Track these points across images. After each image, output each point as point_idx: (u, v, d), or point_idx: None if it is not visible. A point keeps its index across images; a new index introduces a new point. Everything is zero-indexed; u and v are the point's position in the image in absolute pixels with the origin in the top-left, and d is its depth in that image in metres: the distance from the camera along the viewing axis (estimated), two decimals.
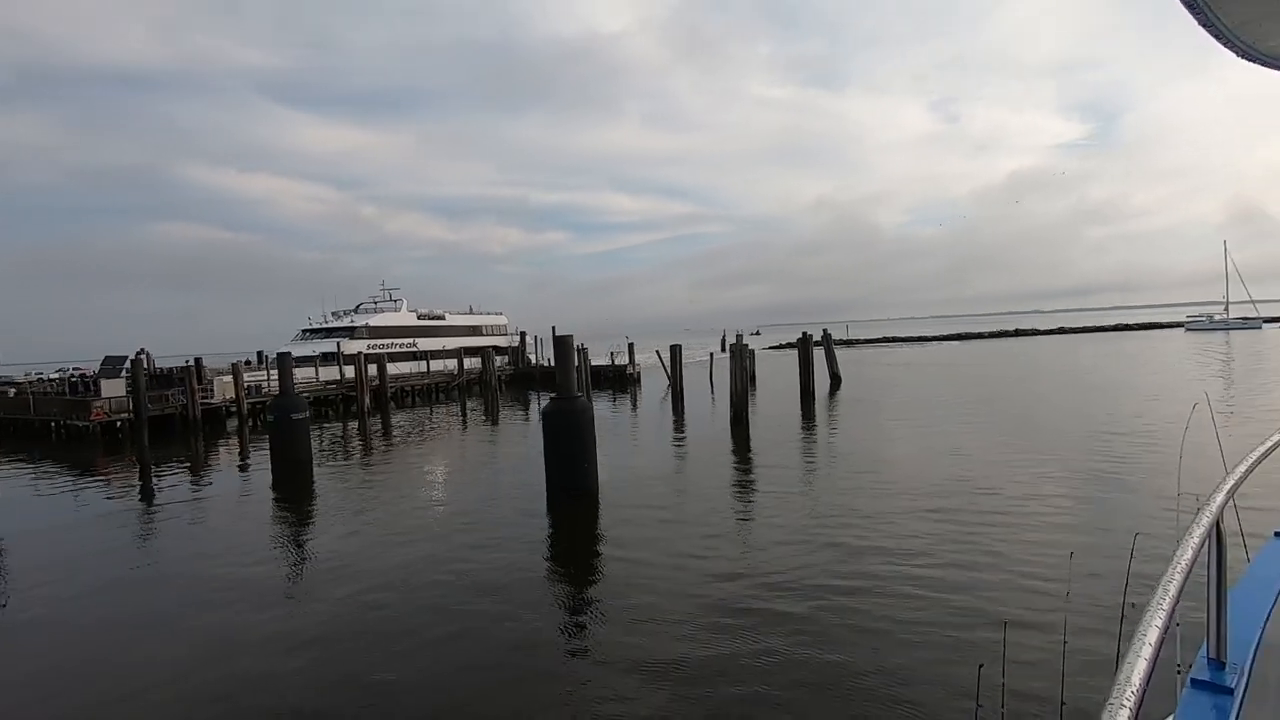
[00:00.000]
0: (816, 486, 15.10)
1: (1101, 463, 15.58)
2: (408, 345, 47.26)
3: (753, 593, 8.93)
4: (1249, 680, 1.79)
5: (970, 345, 79.60)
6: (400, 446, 25.25)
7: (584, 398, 15.23)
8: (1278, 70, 2.09)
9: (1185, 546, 1.44)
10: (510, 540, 11.81)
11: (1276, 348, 49.72)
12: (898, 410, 27.83)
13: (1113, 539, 9.48)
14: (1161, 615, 1.16)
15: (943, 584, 8.79)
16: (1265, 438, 2.36)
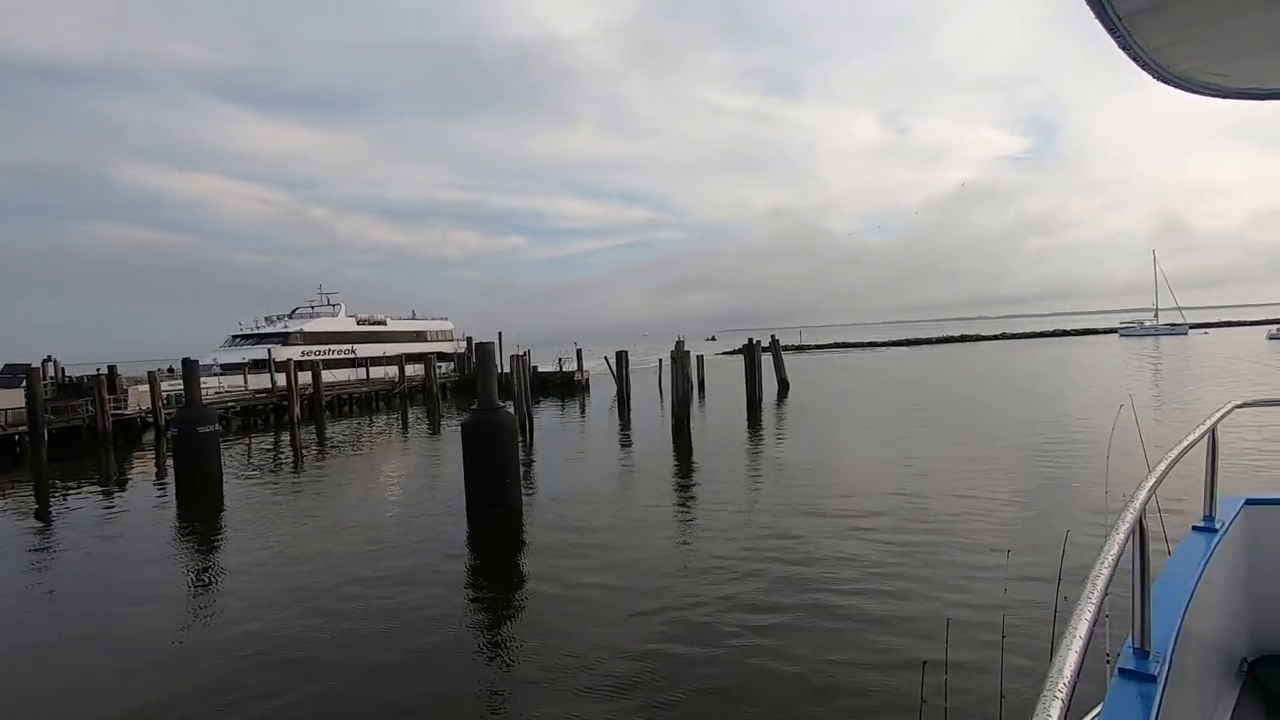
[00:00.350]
0: (753, 500, 14.52)
1: (1037, 464, 15.99)
2: (346, 352, 45.35)
3: (670, 629, 8.16)
4: (1170, 667, 1.85)
5: (918, 351, 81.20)
6: (328, 459, 23.85)
7: (507, 408, 14.33)
8: (1189, 92, 2.18)
9: (1111, 543, 1.51)
10: (415, 570, 10.73)
11: (1200, 352, 52.16)
12: (843, 417, 27.76)
13: (1047, 537, 9.65)
14: (1090, 609, 1.20)
15: (886, 587, 8.88)
16: (1183, 437, 2.46)
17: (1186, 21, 1.69)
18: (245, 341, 42.64)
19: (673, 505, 14.19)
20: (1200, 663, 2.37)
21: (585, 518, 13.26)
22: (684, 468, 18.41)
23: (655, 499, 14.69)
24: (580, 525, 12.73)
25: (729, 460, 19.15)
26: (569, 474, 18.21)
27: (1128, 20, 1.63)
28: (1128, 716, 1.66)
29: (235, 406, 35.75)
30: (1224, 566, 2.72)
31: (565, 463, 20.12)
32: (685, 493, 15.41)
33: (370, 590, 9.88)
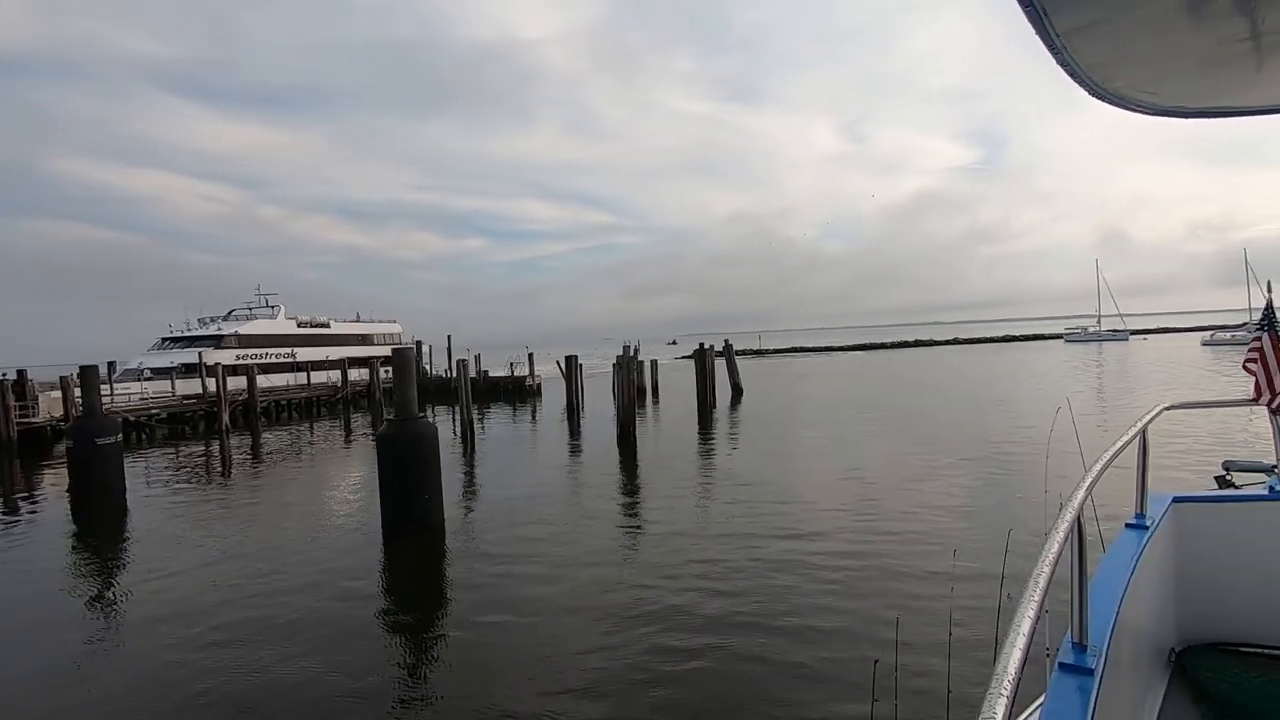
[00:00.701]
0: (698, 511, 13.80)
1: (983, 466, 16.35)
2: (285, 356, 43.32)
3: (595, 671, 7.38)
4: (1106, 660, 1.91)
5: (873, 355, 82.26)
6: (253, 470, 22.36)
7: (426, 418, 13.31)
8: (1122, 108, 2.23)
9: (1051, 542, 1.56)
10: (307, 609, 9.61)
11: (1140, 357, 53.80)
12: (795, 422, 27.38)
13: (991, 536, 9.92)
14: (1033, 607, 1.25)
15: (836, 589, 9.01)
16: (1116, 440, 2.57)
17: (1119, 41, 1.77)
18: (175, 344, 40.29)
19: (609, 522, 13.35)
20: (1133, 654, 2.47)
21: (510, 540, 12.32)
22: (628, 479, 17.63)
23: (591, 515, 13.85)
24: (502, 550, 11.76)
25: (675, 469, 18.43)
26: (504, 487, 17.24)
27: (1065, 38, 1.68)
28: (1067, 709, 1.72)
29: (160, 414, 33.67)
30: (1154, 562, 2.84)
31: (503, 474, 19.13)
32: (624, 507, 14.60)
33: (245, 632, 8.75)
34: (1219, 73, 2.05)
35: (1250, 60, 1.92)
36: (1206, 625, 3.22)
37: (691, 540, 11.64)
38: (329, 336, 46.82)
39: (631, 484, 16.78)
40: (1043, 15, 1.55)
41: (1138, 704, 2.57)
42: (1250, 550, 3.26)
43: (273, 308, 45.51)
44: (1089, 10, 1.60)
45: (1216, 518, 3.35)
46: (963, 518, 12.19)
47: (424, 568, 11.42)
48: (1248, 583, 3.21)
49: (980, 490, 14.15)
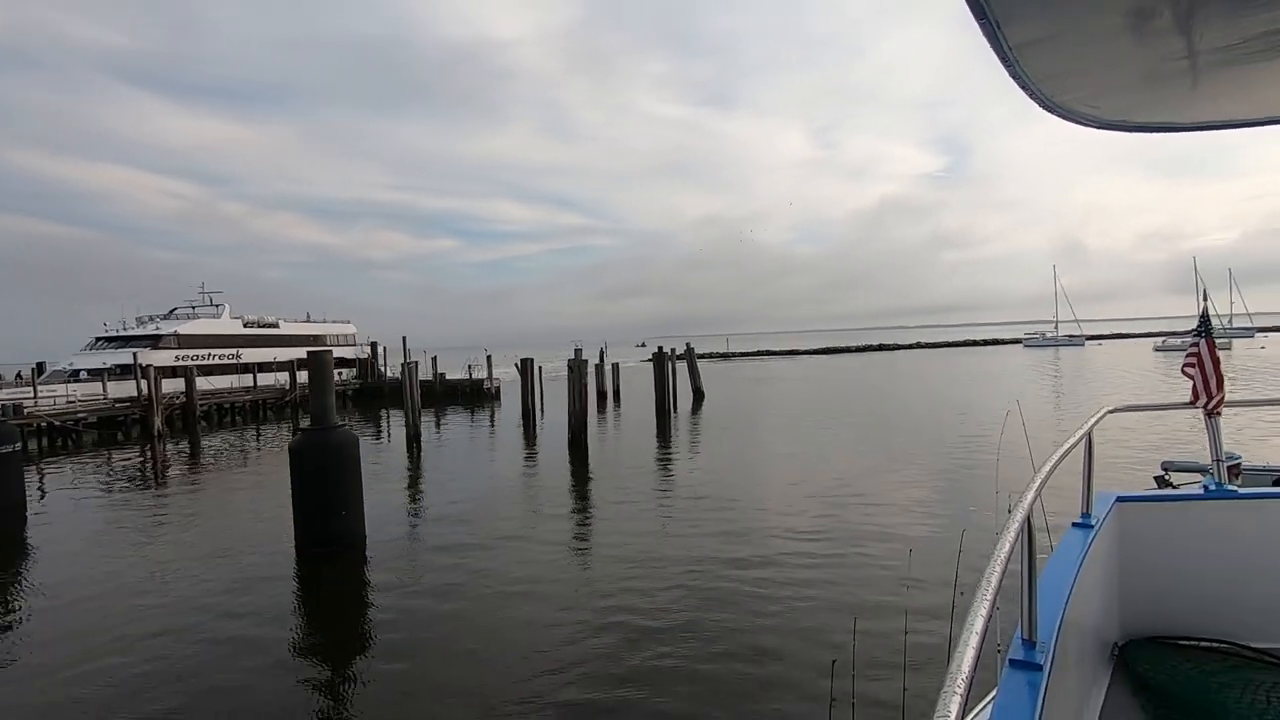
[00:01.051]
0: (641, 529, 13.03)
1: (939, 469, 16.68)
2: (230, 357, 41.42)
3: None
4: (1054, 655, 1.96)
5: (838, 359, 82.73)
6: (179, 479, 20.92)
7: (346, 427, 12.29)
8: (1070, 121, 2.32)
9: (1003, 541, 1.60)
10: (189, 645, 8.61)
11: (1095, 362, 54.82)
12: (755, 426, 26.92)
13: (945, 536, 10.22)
14: (985, 606, 1.29)
15: (793, 591, 9.05)
16: (1064, 440, 2.70)
17: (1068, 56, 1.84)
18: (110, 344, 38.15)
19: (547, 540, 12.48)
20: (1079, 649, 2.54)
21: (435, 560, 11.39)
22: (574, 490, 16.80)
23: (528, 532, 12.96)
24: (425, 571, 10.82)
25: (625, 479, 17.64)
26: (441, 499, 16.26)
27: (1018, 51, 1.72)
28: (1017, 704, 1.76)
29: (88, 418, 31.75)
30: (1098, 560, 2.93)
31: (444, 484, 18.12)
32: (565, 523, 13.75)
33: (111, 675, 7.73)
34: (1159, 90, 2.15)
35: (1187, 79, 2.01)
36: (1146, 620, 3.32)
37: (631, 566, 10.86)
38: (277, 337, 44.90)
39: (577, 496, 15.95)
40: (997, 28, 1.59)
41: (1083, 697, 2.66)
42: (1186, 547, 3.39)
43: (217, 306, 43.43)
44: (1040, 25, 1.65)
45: (1156, 516, 3.46)
46: (918, 519, 12.32)
47: (333, 592, 10.44)
48: (1184, 578, 3.34)
49: (936, 492, 14.38)
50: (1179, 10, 1.61)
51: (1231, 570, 3.33)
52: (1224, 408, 3.76)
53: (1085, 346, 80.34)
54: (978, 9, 1.47)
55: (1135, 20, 1.66)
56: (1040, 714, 1.71)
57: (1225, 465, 3.78)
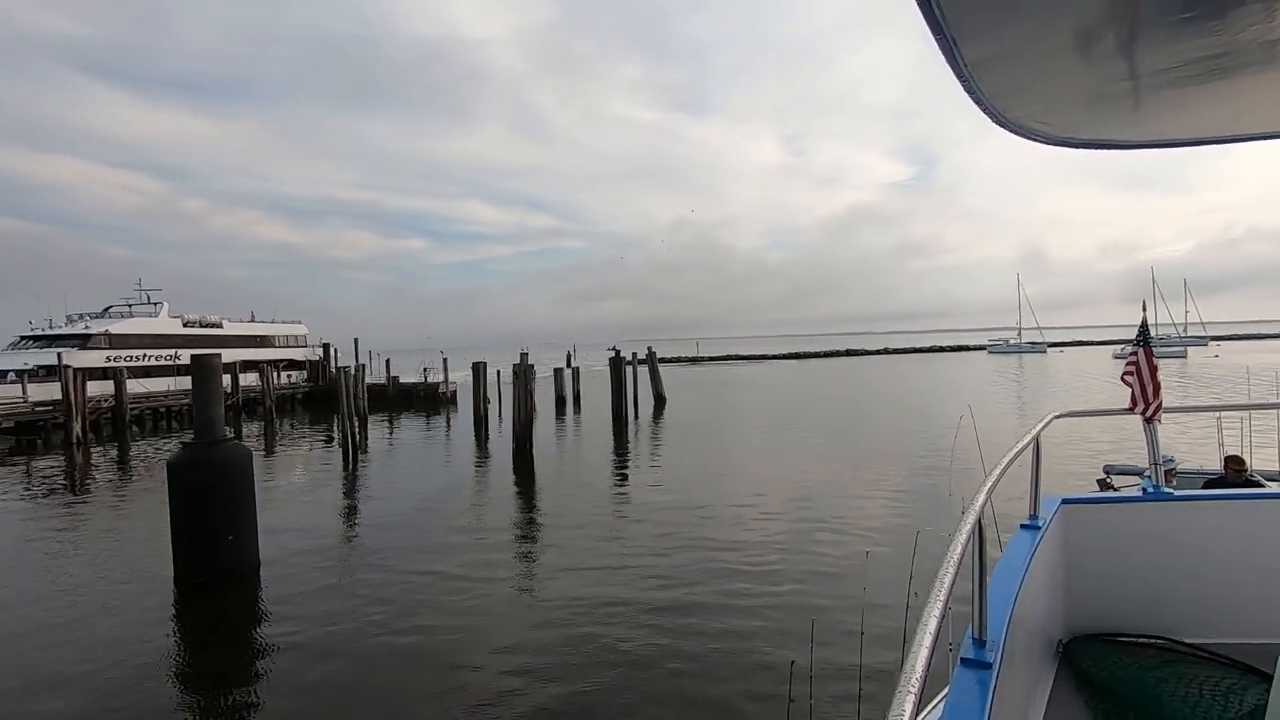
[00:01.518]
0: (579, 553, 11.90)
1: (895, 473, 17.02)
2: (167, 358, 39.19)
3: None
4: (1003, 654, 2.01)
5: (806, 364, 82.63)
6: (89, 490, 19.17)
7: (236, 441, 10.91)
8: (1022, 137, 2.34)
9: (955, 543, 1.64)
10: (29, 696, 7.31)
11: (1056, 369, 55.26)
12: (716, 432, 26.14)
13: (900, 538, 10.50)
14: (938, 607, 1.32)
15: (752, 597, 9.09)
16: (1013, 446, 2.76)
17: (1019, 74, 1.89)
18: (34, 344, 35.75)
19: (471, 568, 11.30)
20: (1026, 647, 2.63)
21: (338, 591, 10.09)
22: (514, 505, 15.62)
23: (450, 558, 11.76)
24: (325, 606, 9.53)
25: (574, 492, 16.53)
26: (365, 516, 14.94)
27: (972, 67, 1.76)
28: (968, 701, 1.80)
29: (3, 422, 29.56)
30: (1045, 560, 3.04)
31: (373, 499, 16.77)
32: (496, 545, 12.55)
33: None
34: (1104, 109, 2.22)
35: (1130, 99, 2.11)
36: (1089, 618, 3.40)
37: (560, 603, 9.72)
38: (220, 337, 42.62)
39: (516, 515, 14.73)
40: (953, 45, 1.62)
41: (1030, 693, 2.76)
42: (1126, 547, 3.50)
43: (155, 304, 41.07)
44: (994, 43, 1.68)
45: (1097, 518, 3.56)
46: (874, 522, 12.57)
47: (204, 631, 9.10)
48: (1123, 577, 3.45)
49: (893, 497, 14.61)
50: (1122, 33, 1.68)
51: (1166, 569, 3.44)
52: (1161, 414, 3.92)
53: (1047, 353, 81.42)
54: (935, 26, 1.51)
55: (1083, 41, 1.73)
56: (989, 711, 1.76)
57: (1162, 469, 3.92)
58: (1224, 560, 3.41)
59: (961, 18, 1.50)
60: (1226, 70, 1.84)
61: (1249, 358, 57.66)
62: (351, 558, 11.71)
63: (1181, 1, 1.50)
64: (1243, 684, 2.79)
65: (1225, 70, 1.84)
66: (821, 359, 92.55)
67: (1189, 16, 1.56)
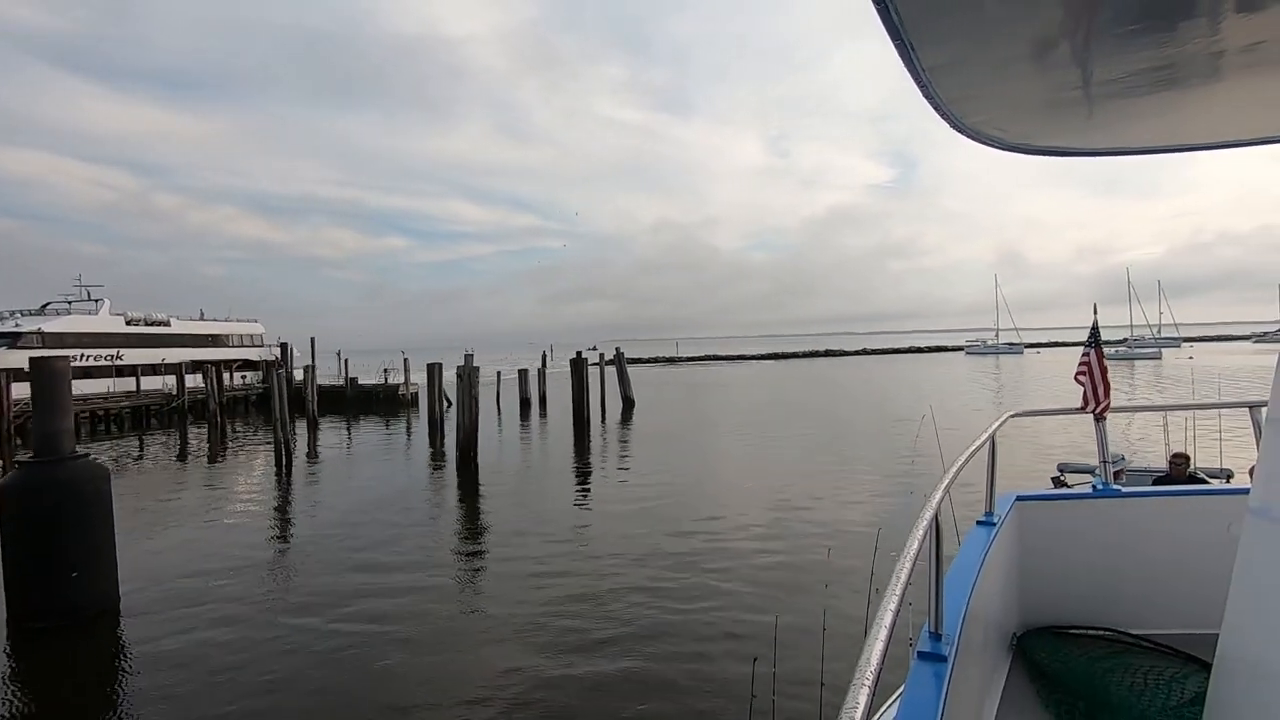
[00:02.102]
0: (525, 575, 10.53)
1: (859, 471, 17.15)
2: (107, 358, 37.03)
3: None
4: (959, 647, 2.04)
5: (784, 364, 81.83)
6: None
7: (89, 458, 9.33)
8: (978, 142, 2.35)
9: (913, 539, 1.66)
10: None
11: (1032, 370, 54.88)
12: (683, 436, 24.95)
13: (862, 535, 10.63)
14: (894, 601, 1.32)
15: (716, 595, 9.19)
16: (971, 442, 2.89)
17: (975, 81, 1.91)
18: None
19: (383, 604, 9.85)
20: (981, 641, 2.67)
21: (208, 634, 8.63)
22: (458, 520, 14.21)
23: (364, 589, 10.30)
24: (193, 654, 8.08)
25: (520, 507, 15.08)
26: (277, 537, 13.40)
27: (930, 73, 1.78)
28: (923, 694, 1.83)
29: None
30: (1000, 555, 3.08)
31: (296, 517, 15.23)
32: (425, 572, 11.12)
33: None
34: (1059, 116, 2.28)
35: (1084, 108, 2.16)
36: (1042, 611, 3.51)
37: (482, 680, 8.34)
38: (167, 336, 40.50)
39: (449, 535, 13.28)
40: (911, 51, 1.63)
41: (984, 686, 2.78)
42: (1077, 543, 3.60)
43: (95, 301, 38.78)
44: (951, 50, 1.70)
45: (1051, 514, 3.67)
46: (838, 519, 12.74)
47: (46, 687, 7.56)
48: (1074, 572, 3.56)
49: (853, 492, 14.87)
50: (1076, 43, 1.71)
51: (1114, 563, 3.55)
52: (1110, 413, 4.11)
53: (1024, 354, 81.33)
54: (894, 31, 1.52)
55: (1038, 49, 1.74)
56: (944, 703, 1.79)
57: (1111, 466, 4.04)
58: (1167, 554, 3.51)
59: (919, 24, 1.53)
60: (1175, 81, 1.91)
61: (1221, 359, 57.85)
62: (237, 592, 10.18)
63: (1131, 13, 1.55)
64: (1185, 672, 2.87)
65: (1173, 81, 1.91)
66: (800, 360, 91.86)
67: (1138, 28, 1.60)
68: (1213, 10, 1.53)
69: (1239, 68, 1.81)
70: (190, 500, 17.00)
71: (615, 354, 35.29)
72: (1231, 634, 2.14)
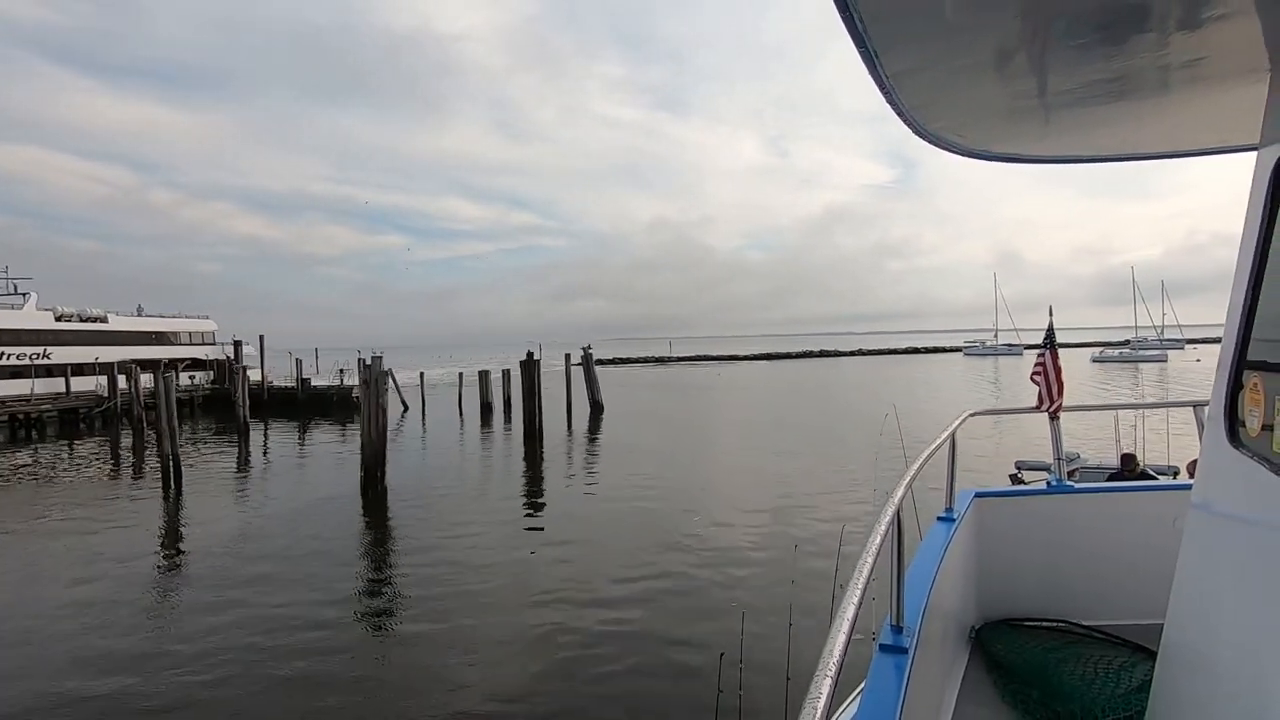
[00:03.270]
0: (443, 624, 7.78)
1: (826, 471, 17.28)
2: (32, 356, 34.10)
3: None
4: (919, 640, 2.08)
5: (779, 365, 79.31)
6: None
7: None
8: (938, 147, 2.45)
9: (875, 534, 1.70)
10: None
11: (1027, 372, 51.86)
12: (650, 448, 22.26)
13: (827, 531, 11.24)
14: (856, 594, 1.33)
15: (684, 592, 9.38)
16: (932, 440, 2.90)
17: (936, 88, 1.98)
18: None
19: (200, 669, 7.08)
20: (940, 633, 2.76)
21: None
22: (361, 539, 11.48)
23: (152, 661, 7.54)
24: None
25: (421, 549, 12.30)
26: (118, 572, 10.62)
27: (893, 79, 1.82)
28: (884, 686, 1.86)
29: None
30: (959, 550, 3.17)
31: (153, 544, 12.43)
32: (260, 622, 8.34)
33: None
34: (1016, 124, 2.33)
35: (1040, 116, 2.23)
36: (999, 604, 3.61)
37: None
38: (103, 333, 37.61)
39: (360, 551, 10.56)
40: (875, 58, 1.65)
41: (944, 676, 2.87)
42: (1032, 538, 3.72)
43: (22, 295, 35.87)
44: (913, 57, 1.74)
45: (1008, 510, 3.79)
46: (805, 516, 12.94)
47: None
48: (1030, 565, 3.68)
49: (821, 491, 14.96)
50: (1033, 53, 1.78)
51: (1067, 557, 3.67)
52: (1063, 412, 4.27)
53: (1023, 355, 78.69)
54: (858, 38, 1.53)
55: (996, 59, 1.80)
56: (905, 694, 1.82)
57: (1065, 464, 4.21)
58: (1116, 548, 3.62)
59: (883, 32, 1.55)
60: (1126, 93, 2.03)
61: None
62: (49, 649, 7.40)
63: (1085, 27, 1.61)
64: (1132, 661, 3.00)
65: (1125, 93, 2.03)
66: (795, 360, 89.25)
67: (1090, 41, 1.68)
68: (1159, 27, 1.61)
69: (1184, 82, 1.95)
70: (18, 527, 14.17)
71: (583, 354, 32.47)
72: (1174, 624, 2.21)
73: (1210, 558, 2.05)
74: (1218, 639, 1.97)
